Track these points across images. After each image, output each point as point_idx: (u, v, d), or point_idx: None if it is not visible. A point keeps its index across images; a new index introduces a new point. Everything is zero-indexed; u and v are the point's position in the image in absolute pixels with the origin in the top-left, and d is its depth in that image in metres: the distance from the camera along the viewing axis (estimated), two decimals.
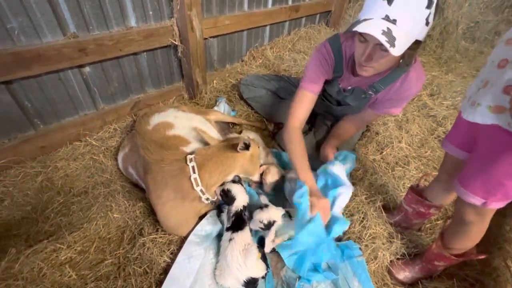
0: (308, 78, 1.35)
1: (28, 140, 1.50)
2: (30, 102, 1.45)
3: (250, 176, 1.36)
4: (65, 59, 1.41)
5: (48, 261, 1.11)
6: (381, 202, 1.43)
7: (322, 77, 1.35)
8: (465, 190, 0.87)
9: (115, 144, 1.71)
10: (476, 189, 0.84)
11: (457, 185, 0.91)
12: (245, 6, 2.36)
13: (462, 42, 3.37)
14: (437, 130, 2.05)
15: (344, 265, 1.20)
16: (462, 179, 0.90)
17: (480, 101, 0.78)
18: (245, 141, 1.13)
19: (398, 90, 1.26)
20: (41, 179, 1.45)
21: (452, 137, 1.04)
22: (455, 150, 1.02)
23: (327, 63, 1.31)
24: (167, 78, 2.08)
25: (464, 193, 0.88)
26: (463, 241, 1.04)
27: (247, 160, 1.27)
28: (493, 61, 0.79)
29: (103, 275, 1.12)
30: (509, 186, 0.79)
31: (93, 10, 1.46)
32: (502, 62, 0.74)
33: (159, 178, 1.16)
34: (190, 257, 1.13)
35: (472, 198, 0.86)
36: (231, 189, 1.19)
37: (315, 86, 1.35)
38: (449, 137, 1.05)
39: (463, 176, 0.89)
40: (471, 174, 0.86)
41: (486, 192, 0.82)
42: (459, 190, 0.90)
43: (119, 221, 1.31)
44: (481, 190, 0.83)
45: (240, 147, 1.14)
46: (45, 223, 1.28)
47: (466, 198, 0.87)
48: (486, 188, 0.82)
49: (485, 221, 0.95)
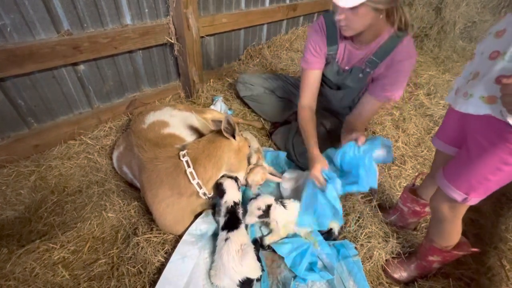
0: (307, 58, 1.42)
1: (22, 139, 1.48)
2: (23, 100, 1.44)
3: (234, 173, 1.30)
4: (59, 57, 1.40)
5: (40, 261, 1.10)
6: (377, 202, 1.43)
7: (321, 51, 1.40)
8: (449, 184, 0.88)
9: (110, 143, 1.70)
10: (460, 183, 0.86)
11: (441, 178, 0.92)
12: (243, 4, 2.35)
13: (459, 41, 3.39)
14: (434, 129, 2.05)
15: (340, 265, 1.20)
16: (447, 172, 0.91)
17: (472, 91, 0.78)
18: (228, 119, 1.13)
19: (392, 63, 1.29)
20: (34, 178, 1.43)
21: (441, 134, 1.05)
22: (445, 146, 1.03)
23: (321, 32, 1.39)
24: (163, 77, 2.06)
25: (447, 186, 0.89)
26: (444, 238, 1.05)
27: (233, 153, 1.25)
28: (483, 53, 0.79)
29: (97, 275, 1.11)
30: (493, 181, 0.80)
31: (87, 7, 1.44)
32: (493, 54, 0.76)
33: (154, 177, 1.15)
34: (184, 257, 1.12)
35: (454, 193, 0.87)
36: (223, 182, 1.21)
37: (315, 63, 1.42)
38: (438, 134, 1.07)
39: (448, 170, 0.90)
40: (457, 168, 0.87)
41: (469, 187, 0.84)
42: (443, 182, 0.91)
43: (113, 221, 1.29)
44: (465, 185, 0.85)
45: (224, 127, 1.15)
46: (38, 222, 1.26)
47: (448, 192, 0.89)
48: (470, 183, 0.83)
49: (458, 218, 0.97)
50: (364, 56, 1.35)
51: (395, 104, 2.29)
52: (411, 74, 1.41)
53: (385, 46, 1.27)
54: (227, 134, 1.18)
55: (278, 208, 1.22)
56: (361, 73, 1.39)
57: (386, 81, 1.33)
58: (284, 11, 2.77)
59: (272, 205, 1.22)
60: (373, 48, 1.31)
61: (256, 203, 1.21)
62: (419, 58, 3.22)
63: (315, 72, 1.43)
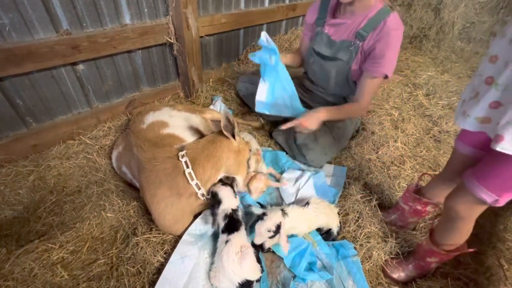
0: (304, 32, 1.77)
1: (20, 138, 1.48)
2: (22, 100, 1.43)
3: (233, 175, 1.28)
4: (58, 56, 1.39)
5: (39, 261, 1.10)
6: (376, 201, 1.43)
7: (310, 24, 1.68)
8: (480, 185, 0.86)
9: (109, 142, 1.69)
10: (493, 186, 0.84)
11: (471, 180, 0.89)
12: (242, 4, 2.35)
13: (458, 42, 3.40)
14: (433, 129, 2.06)
15: (339, 265, 1.20)
16: (477, 174, 0.88)
17: (470, 112, 0.84)
18: (227, 116, 1.13)
19: (380, 35, 1.37)
20: (33, 178, 1.43)
21: (464, 136, 1.04)
22: (468, 148, 1.02)
23: (316, 4, 1.64)
24: (163, 77, 2.06)
25: (478, 188, 0.87)
26: (454, 238, 1.05)
27: (233, 153, 1.23)
28: (481, 75, 0.82)
29: (96, 275, 1.10)
30: None
31: (86, 7, 1.44)
32: (488, 80, 0.79)
33: (153, 177, 1.14)
34: (184, 257, 1.12)
35: (485, 194, 0.86)
36: (218, 192, 1.18)
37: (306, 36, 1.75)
38: (461, 136, 1.06)
39: (479, 172, 0.88)
40: (490, 170, 0.86)
41: (501, 189, 0.83)
42: (473, 185, 0.88)
43: (113, 221, 1.29)
44: (498, 187, 0.84)
45: (223, 125, 1.15)
46: (37, 222, 1.26)
47: (478, 194, 0.87)
48: (503, 185, 0.83)
49: (474, 217, 0.97)
50: (353, 29, 1.45)
51: (394, 105, 2.29)
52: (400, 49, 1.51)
53: (373, 19, 1.38)
54: (227, 133, 1.18)
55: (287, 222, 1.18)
56: (351, 46, 1.47)
57: (377, 54, 1.39)
58: (283, 11, 2.77)
59: (282, 221, 1.15)
60: (361, 21, 1.42)
61: (265, 226, 1.13)
62: (418, 59, 3.23)
63: (305, 42, 1.77)
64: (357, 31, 1.42)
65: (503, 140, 0.73)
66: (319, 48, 1.61)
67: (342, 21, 1.48)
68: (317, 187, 1.51)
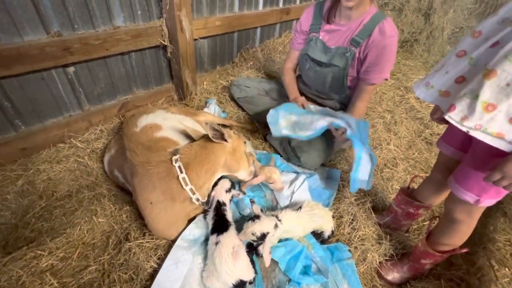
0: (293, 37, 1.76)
1: (8, 142, 1.44)
2: (10, 102, 1.39)
3: (234, 173, 1.26)
4: (48, 58, 1.37)
5: (27, 269, 1.06)
6: (370, 204, 1.44)
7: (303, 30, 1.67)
8: (460, 187, 0.89)
9: (101, 146, 1.66)
10: (471, 186, 0.86)
11: (452, 182, 0.92)
12: (236, 7, 2.36)
13: (447, 46, 3.48)
14: (424, 132, 2.10)
15: (334, 268, 1.20)
16: (457, 176, 0.91)
17: (434, 83, 0.83)
18: (212, 126, 1.10)
19: (376, 42, 1.39)
20: (21, 182, 1.39)
21: (447, 137, 1.06)
22: (450, 149, 1.04)
23: (310, 9, 1.64)
24: (156, 79, 2.04)
25: (459, 190, 0.89)
26: (452, 239, 1.06)
27: (229, 155, 1.22)
28: (455, 49, 0.82)
29: (87, 282, 1.07)
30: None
31: (78, 8, 1.42)
32: (460, 52, 0.78)
33: (147, 181, 1.13)
34: (177, 262, 1.10)
35: (466, 195, 0.88)
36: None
37: (297, 44, 1.74)
38: (444, 137, 1.08)
39: (459, 174, 0.91)
40: (467, 171, 0.88)
41: (480, 189, 0.85)
42: (454, 187, 0.91)
43: (104, 226, 1.26)
44: (476, 187, 0.85)
45: (212, 135, 1.13)
46: (25, 228, 1.22)
47: (460, 195, 0.89)
48: (480, 186, 0.84)
49: (474, 219, 0.97)
50: (348, 35, 1.46)
51: (386, 108, 2.33)
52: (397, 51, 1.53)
53: (368, 25, 1.40)
54: (218, 140, 1.16)
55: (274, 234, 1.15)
56: (347, 52, 1.48)
57: (375, 61, 1.40)
58: (277, 14, 2.79)
59: (270, 232, 1.12)
60: (356, 27, 1.43)
61: (252, 228, 1.11)
62: (409, 63, 3.29)
63: (297, 52, 1.77)
64: (352, 38, 1.44)
65: (454, 110, 0.73)
66: (314, 54, 1.61)
67: (337, 28, 1.50)
68: (311, 190, 1.51)
